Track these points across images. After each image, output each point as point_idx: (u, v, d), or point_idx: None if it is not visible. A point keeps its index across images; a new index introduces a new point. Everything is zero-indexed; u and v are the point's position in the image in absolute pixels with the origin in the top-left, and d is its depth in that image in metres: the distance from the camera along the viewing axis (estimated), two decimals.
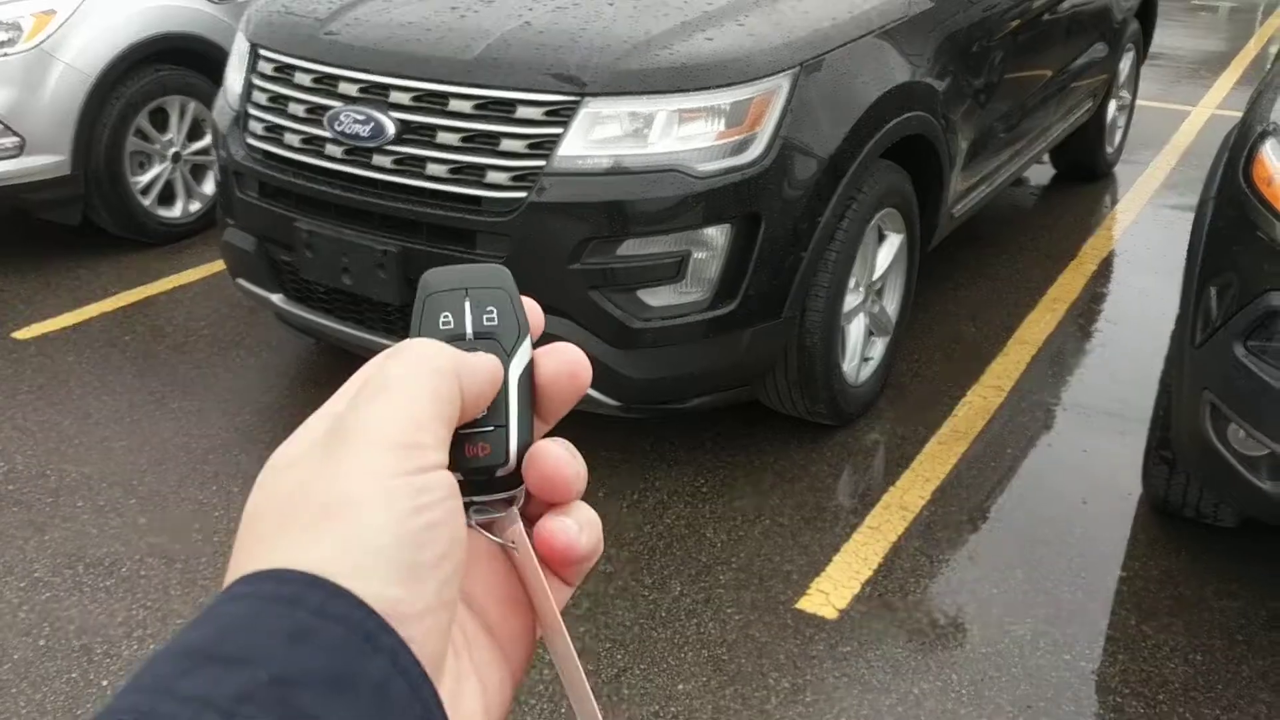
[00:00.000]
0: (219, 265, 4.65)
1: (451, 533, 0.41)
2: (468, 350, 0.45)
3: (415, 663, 0.38)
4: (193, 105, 4.96)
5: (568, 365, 0.48)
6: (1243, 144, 2.69)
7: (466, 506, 0.45)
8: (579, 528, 0.46)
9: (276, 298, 3.43)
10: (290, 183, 3.21)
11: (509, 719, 0.47)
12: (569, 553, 0.46)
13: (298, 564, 0.38)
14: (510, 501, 0.46)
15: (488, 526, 0.46)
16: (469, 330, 0.46)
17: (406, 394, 0.42)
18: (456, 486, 0.42)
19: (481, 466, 0.45)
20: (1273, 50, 9.13)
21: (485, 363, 0.45)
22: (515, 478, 0.46)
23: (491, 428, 0.45)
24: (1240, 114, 2.98)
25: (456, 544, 0.41)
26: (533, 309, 0.49)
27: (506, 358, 0.46)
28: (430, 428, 0.42)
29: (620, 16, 3.08)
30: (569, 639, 0.46)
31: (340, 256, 3.11)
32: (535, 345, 0.48)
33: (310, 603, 0.37)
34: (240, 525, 0.41)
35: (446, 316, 0.46)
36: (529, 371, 0.47)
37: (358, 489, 0.39)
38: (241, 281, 3.56)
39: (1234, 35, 10.02)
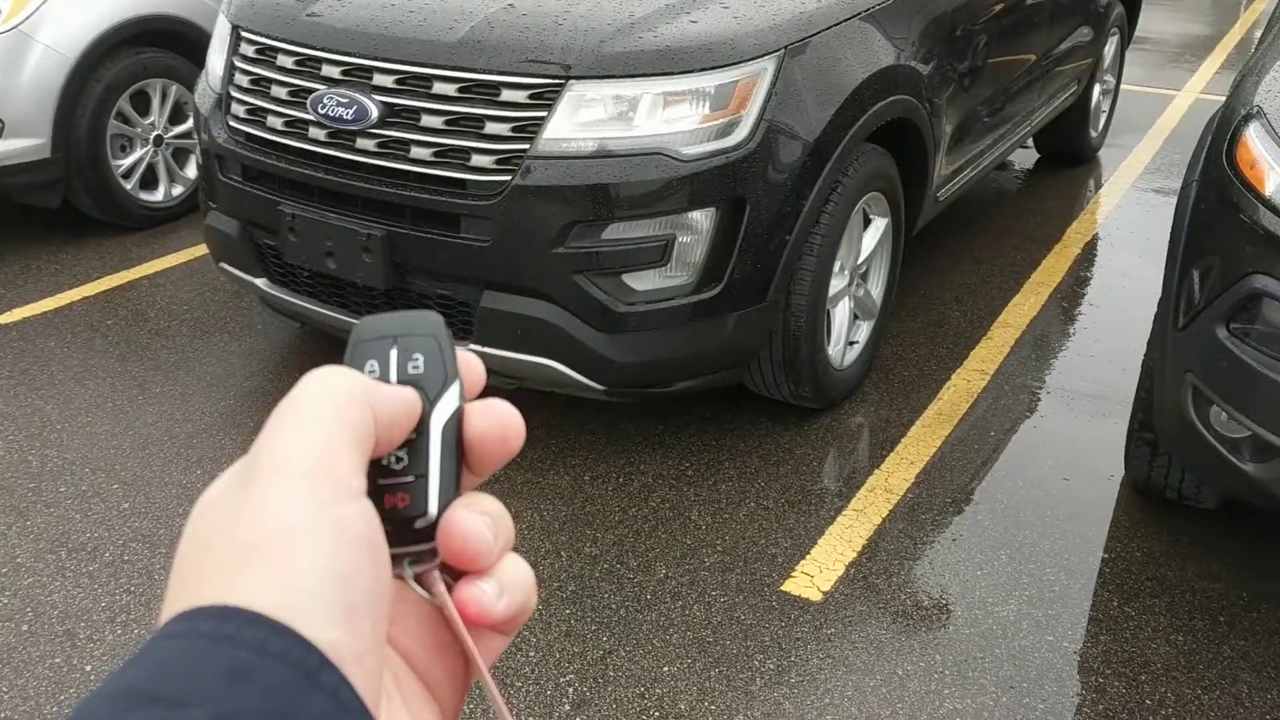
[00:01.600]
0: (201, 249, 4.62)
1: (378, 569, 0.40)
2: None
3: (357, 700, 0.37)
4: (174, 88, 4.92)
5: (499, 427, 0.47)
6: (1226, 127, 2.70)
7: (392, 558, 0.44)
8: (497, 594, 0.45)
9: (260, 282, 3.41)
10: (273, 166, 3.19)
11: None
12: (480, 620, 0.45)
13: (233, 601, 0.37)
14: (435, 553, 0.45)
15: (415, 578, 0.45)
16: (393, 377, 0.46)
17: (316, 421, 0.41)
18: (377, 517, 0.41)
19: (401, 517, 0.44)
20: (1257, 35, 9.15)
21: (400, 391, 0.44)
22: (436, 529, 0.45)
23: (412, 477, 0.44)
24: (1224, 98, 2.98)
25: (384, 581, 0.41)
26: (473, 364, 0.48)
27: (430, 404, 0.45)
28: (344, 454, 0.40)
29: None
30: (495, 688, 0.44)
31: (324, 240, 3.09)
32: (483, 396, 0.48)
33: (250, 640, 0.36)
34: (173, 568, 0.40)
35: (373, 364, 0.46)
36: (456, 420, 0.46)
37: (280, 524, 0.38)
38: (225, 266, 3.54)
39: (1219, 19, 10.04)
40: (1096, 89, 5.88)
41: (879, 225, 3.60)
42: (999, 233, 5.06)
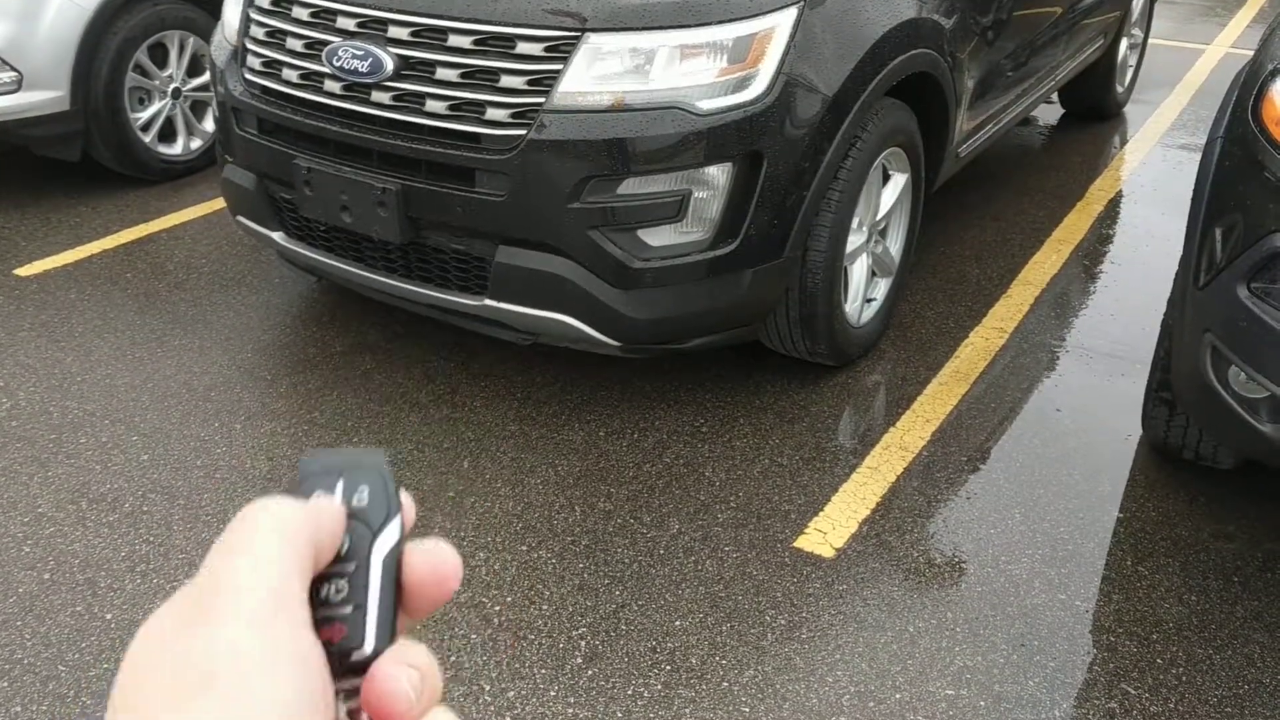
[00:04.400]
0: (220, 203, 4.63)
1: (329, 704, 0.41)
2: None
3: None
4: (192, 40, 4.90)
5: (436, 569, 0.47)
6: (1253, 82, 2.65)
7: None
8: None
9: (277, 235, 3.42)
10: (289, 119, 3.18)
11: None
12: None
13: None
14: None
15: (346, 713, 0.44)
16: None
17: (270, 550, 0.41)
18: (323, 650, 0.41)
19: (336, 650, 0.43)
20: None
21: (329, 507, 0.45)
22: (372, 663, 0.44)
23: (350, 608, 0.44)
24: (1254, 52, 2.93)
25: (330, 715, 0.41)
26: (408, 504, 0.48)
27: (371, 536, 0.45)
28: (296, 584, 0.41)
29: None
30: None
31: (340, 194, 3.09)
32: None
33: None
34: (112, 694, 0.40)
35: (319, 496, 0.46)
36: (396, 554, 0.46)
37: (237, 653, 0.38)
38: (242, 219, 3.54)
39: None
40: (1124, 43, 5.78)
41: (898, 181, 3.56)
42: (1021, 189, 5.00)
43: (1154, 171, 5.25)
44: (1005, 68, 4.20)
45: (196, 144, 5.03)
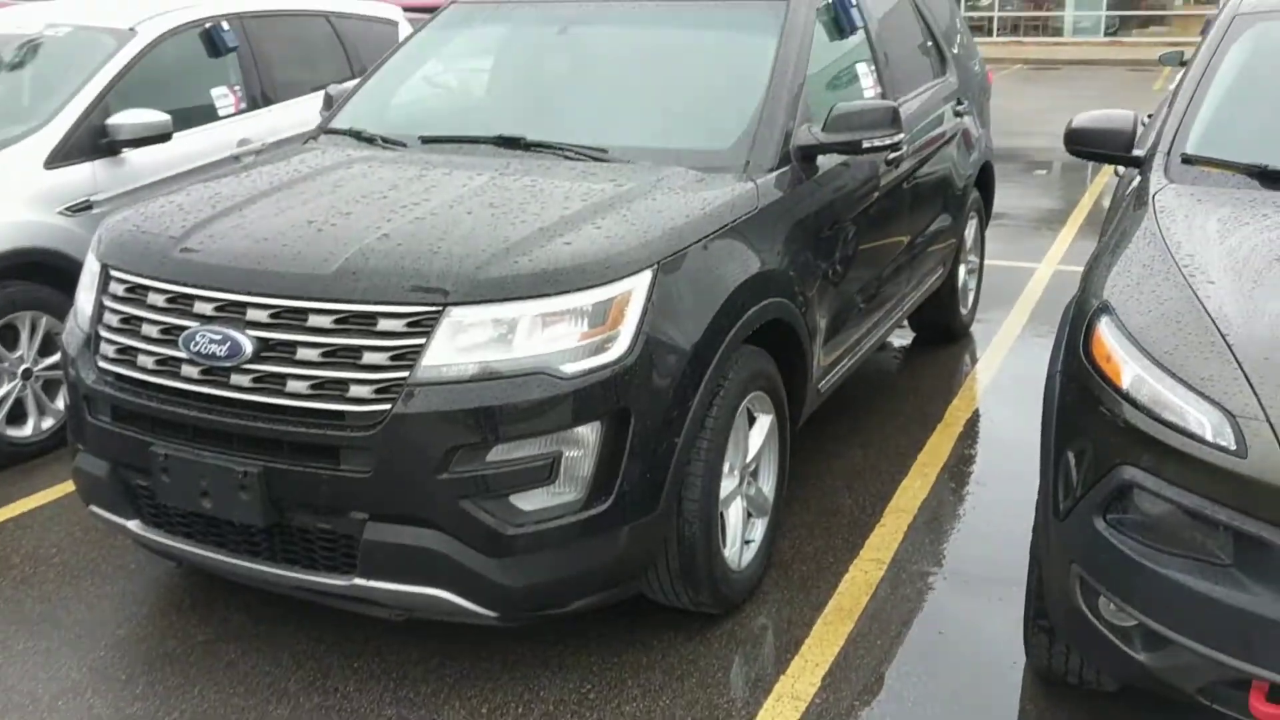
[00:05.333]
0: (72, 484, 4.43)
1: None
2: None
3: None
4: (44, 320, 4.80)
5: None
6: (1080, 320, 2.82)
7: None
8: None
9: (133, 524, 3.27)
10: (144, 406, 3.10)
11: None
12: None
13: None
14: None
15: None
16: None
17: None
18: None
19: None
20: (1106, 202, 9.77)
21: None
22: None
23: None
24: (1080, 268, 3.12)
25: None
26: None
27: None
28: None
29: (479, 225, 3.12)
30: None
31: (199, 479, 2.99)
32: None
33: None
34: None
35: None
36: None
37: None
38: (95, 509, 3.38)
39: (1068, 191, 10.71)
40: (962, 269, 6.16)
41: (764, 423, 3.64)
42: (884, 414, 5.17)
43: (1005, 389, 5.50)
44: (855, 303, 4.41)
45: (48, 424, 4.86)
